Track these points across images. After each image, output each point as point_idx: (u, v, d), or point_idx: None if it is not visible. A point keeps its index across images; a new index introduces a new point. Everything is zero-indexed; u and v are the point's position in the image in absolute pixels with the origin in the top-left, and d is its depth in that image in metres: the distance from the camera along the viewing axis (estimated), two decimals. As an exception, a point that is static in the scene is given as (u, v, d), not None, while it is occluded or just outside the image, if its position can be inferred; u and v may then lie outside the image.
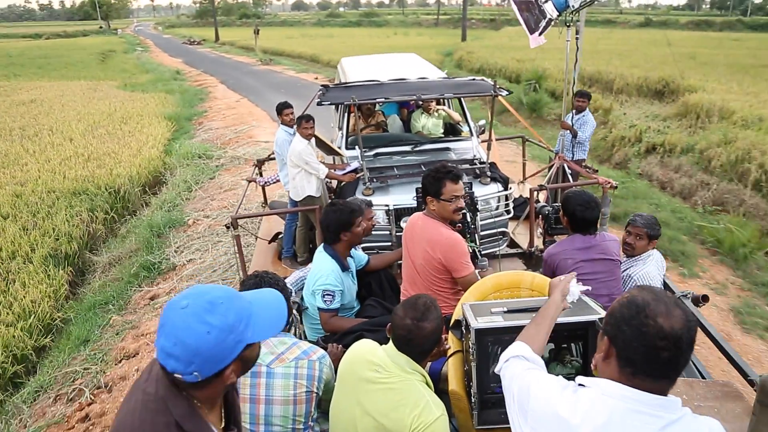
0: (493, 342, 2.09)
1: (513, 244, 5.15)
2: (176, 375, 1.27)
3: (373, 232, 3.91)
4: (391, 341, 2.07)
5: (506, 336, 2.03)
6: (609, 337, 1.30)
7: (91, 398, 4.67)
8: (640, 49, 23.83)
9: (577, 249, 3.16)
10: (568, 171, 5.92)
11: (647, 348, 1.21)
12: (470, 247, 3.43)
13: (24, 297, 6.13)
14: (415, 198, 4.27)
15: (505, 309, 2.19)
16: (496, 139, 8.09)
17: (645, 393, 1.23)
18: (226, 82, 23.32)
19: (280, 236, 5.94)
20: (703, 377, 2.85)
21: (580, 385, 1.34)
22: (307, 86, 19.64)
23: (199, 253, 6.89)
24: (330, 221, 3.22)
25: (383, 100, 5.38)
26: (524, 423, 1.39)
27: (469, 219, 3.82)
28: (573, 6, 5.03)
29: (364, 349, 2.15)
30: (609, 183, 4.87)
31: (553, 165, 5.98)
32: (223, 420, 1.50)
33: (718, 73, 16.31)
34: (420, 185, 3.26)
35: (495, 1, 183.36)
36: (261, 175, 6.68)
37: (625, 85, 15.17)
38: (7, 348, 5.42)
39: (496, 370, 1.65)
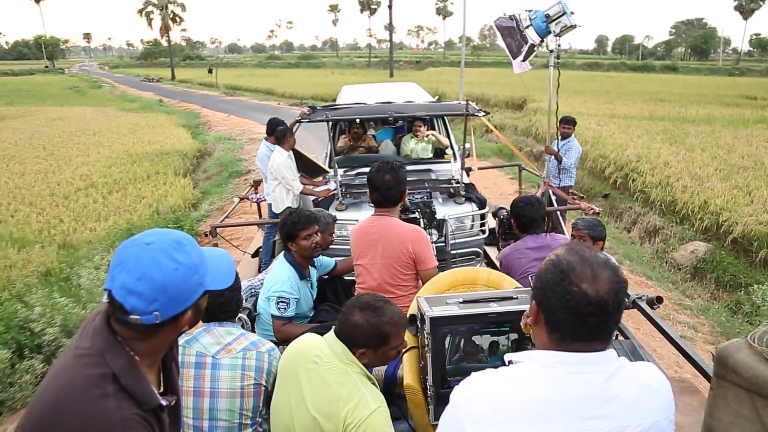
0: (448, 333, 2.02)
1: (490, 264, 5.03)
2: (133, 316, 1.22)
3: (343, 246, 4.09)
4: (332, 329, 1.99)
5: (462, 326, 2.01)
6: (537, 302, 1.24)
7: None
8: (523, 80, 32.58)
9: (529, 248, 3.16)
10: (553, 197, 5.95)
11: (573, 315, 1.17)
12: None
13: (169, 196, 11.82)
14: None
15: (461, 300, 2.11)
16: (493, 167, 9.80)
17: (578, 353, 1.18)
18: (207, 107, 28.98)
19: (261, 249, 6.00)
20: None
21: (509, 362, 1.26)
22: (274, 109, 25.97)
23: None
24: (280, 230, 3.21)
25: (356, 118, 5.49)
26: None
27: (422, 225, 4.00)
28: (554, 32, 5.07)
29: (305, 341, 2.04)
30: (591, 209, 4.90)
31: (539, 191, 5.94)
32: (162, 387, 1.42)
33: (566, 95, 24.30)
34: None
35: (421, 46, 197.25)
36: (256, 192, 6.87)
37: (498, 100, 24.08)
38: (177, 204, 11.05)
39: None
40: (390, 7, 60.57)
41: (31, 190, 10.69)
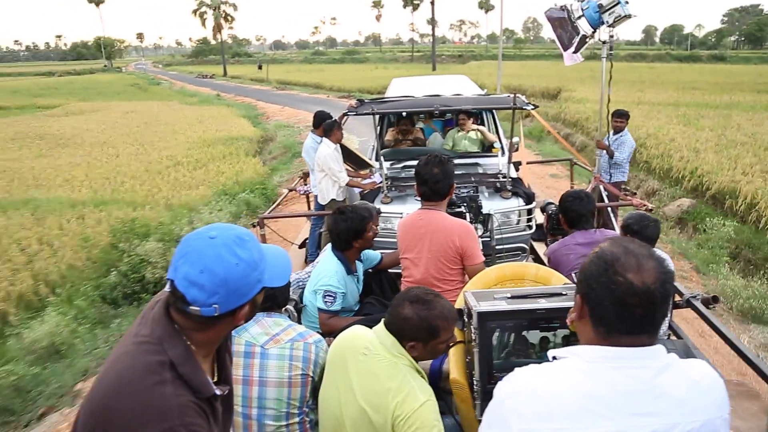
0: (495, 328, 2.00)
1: (537, 260, 4.99)
2: (193, 307, 1.26)
3: (388, 239, 4.21)
4: (382, 321, 2.02)
5: (510, 321, 2.00)
6: (581, 296, 1.23)
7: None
8: (557, 72, 33.90)
9: (577, 244, 3.10)
10: (603, 192, 5.82)
11: (619, 306, 1.14)
12: None
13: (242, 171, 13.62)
14: None
15: (509, 295, 2.09)
16: (543, 162, 10.13)
17: (625, 348, 1.15)
18: (261, 100, 30.89)
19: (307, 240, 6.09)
20: None
21: (553, 358, 1.23)
22: (323, 101, 27.75)
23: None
24: (340, 229, 3.11)
25: (402, 111, 5.54)
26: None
27: (468, 220, 3.97)
28: (608, 21, 4.93)
29: (353, 333, 2.07)
30: (644, 205, 4.83)
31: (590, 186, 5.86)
32: (216, 376, 1.48)
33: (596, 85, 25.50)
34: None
35: (464, 40, 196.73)
36: (305, 184, 6.90)
37: (534, 91, 25.26)
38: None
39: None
40: (432, 2, 61.42)
41: (129, 168, 12.66)
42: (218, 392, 1.37)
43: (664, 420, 1.12)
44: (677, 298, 3.15)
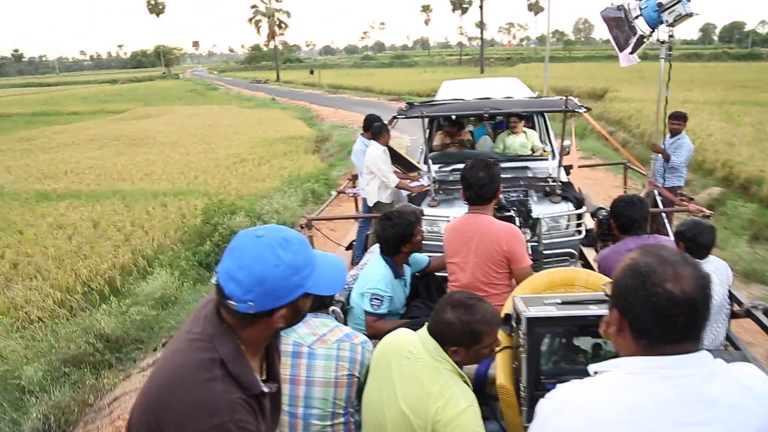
0: (544, 334, 1.97)
1: (586, 266, 4.83)
2: (230, 302, 1.28)
3: (435, 243, 4.18)
4: (425, 325, 2.01)
5: (560, 327, 1.97)
6: (618, 310, 1.19)
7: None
8: (604, 73, 33.98)
9: (629, 250, 2.93)
10: (658, 198, 5.71)
11: (660, 317, 1.11)
12: None
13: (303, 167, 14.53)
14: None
15: (560, 301, 2.06)
16: (595, 165, 9.53)
17: (668, 357, 1.12)
18: (314, 103, 31.96)
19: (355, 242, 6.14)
20: None
21: (595, 373, 1.20)
22: (375, 104, 28.66)
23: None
24: (388, 235, 3.11)
25: (452, 114, 5.59)
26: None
27: (517, 224, 3.86)
28: (667, 21, 4.74)
29: (398, 336, 2.09)
30: (701, 211, 4.67)
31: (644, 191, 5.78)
32: (264, 374, 1.51)
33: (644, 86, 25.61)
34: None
35: (513, 42, 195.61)
36: (354, 186, 6.89)
37: (580, 92, 25.47)
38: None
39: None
40: (481, 5, 61.62)
41: (200, 164, 13.94)
42: (266, 390, 1.40)
43: (715, 428, 1.09)
44: (736, 307, 3.11)
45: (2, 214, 9.72)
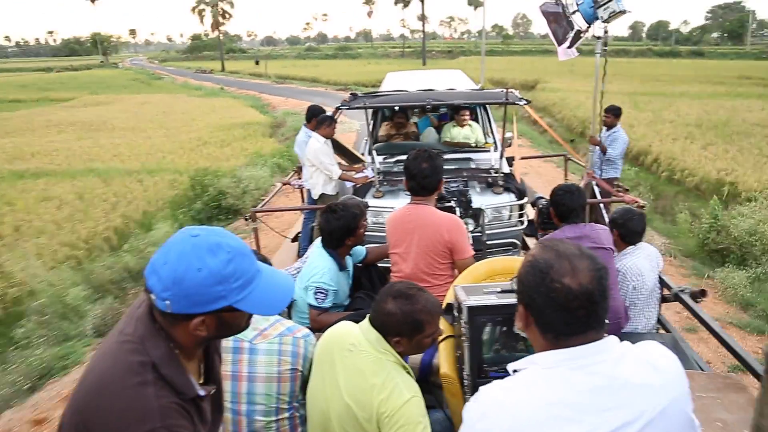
0: (485, 322, 2.00)
1: None
2: (151, 295, 1.24)
3: (379, 234, 4.17)
4: (367, 317, 2.00)
5: (500, 315, 1.98)
6: (523, 306, 1.25)
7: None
8: (537, 66, 36.80)
9: (567, 238, 2.87)
10: (596, 189, 5.80)
11: (561, 312, 1.16)
12: None
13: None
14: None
15: (499, 290, 2.07)
16: (536, 157, 9.96)
17: (579, 347, 1.17)
18: (263, 93, 32.85)
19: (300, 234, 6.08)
20: (703, 370, 2.76)
21: (514, 371, 1.24)
22: (322, 93, 29.90)
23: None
24: (333, 228, 3.06)
25: (395, 105, 5.63)
26: None
27: (458, 214, 3.92)
28: (602, 17, 4.88)
29: (340, 328, 2.08)
30: (636, 201, 4.79)
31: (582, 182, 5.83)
32: (203, 377, 1.46)
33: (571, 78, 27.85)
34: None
35: (454, 36, 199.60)
36: (299, 177, 6.81)
37: (514, 83, 27.97)
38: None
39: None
40: (422, 0, 63.96)
41: (164, 147, 14.92)
42: (202, 393, 1.34)
43: (632, 409, 1.12)
44: (665, 291, 3.29)
45: (-15, 190, 10.24)
